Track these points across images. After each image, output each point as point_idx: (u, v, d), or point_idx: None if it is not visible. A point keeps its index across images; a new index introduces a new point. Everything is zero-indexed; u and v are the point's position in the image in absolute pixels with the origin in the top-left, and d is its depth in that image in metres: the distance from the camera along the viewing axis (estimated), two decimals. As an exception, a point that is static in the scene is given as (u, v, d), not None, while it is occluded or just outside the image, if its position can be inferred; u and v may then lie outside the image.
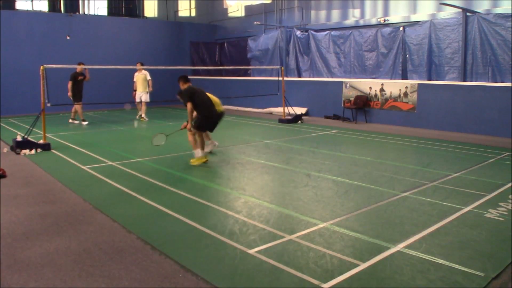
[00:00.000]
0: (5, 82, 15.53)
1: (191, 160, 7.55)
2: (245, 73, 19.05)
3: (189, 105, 7.37)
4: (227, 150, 8.83)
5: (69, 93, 12.81)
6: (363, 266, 3.56)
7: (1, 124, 12.80)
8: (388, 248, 3.90)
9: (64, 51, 16.74)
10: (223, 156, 8.23)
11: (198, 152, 7.52)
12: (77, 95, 12.82)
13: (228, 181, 6.42)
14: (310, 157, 8.08)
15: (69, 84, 12.79)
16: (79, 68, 12.47)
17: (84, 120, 13.13)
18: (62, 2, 19.84)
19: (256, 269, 3.54)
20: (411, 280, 3.34)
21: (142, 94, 13.64)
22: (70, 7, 19.73)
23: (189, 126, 7.59)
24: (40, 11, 18.66)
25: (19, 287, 3.28)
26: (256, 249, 3.89)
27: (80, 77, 12.83)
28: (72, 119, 13.36)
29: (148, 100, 13.76)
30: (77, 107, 12.97)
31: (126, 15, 20.92)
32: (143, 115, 13.86)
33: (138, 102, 13.79)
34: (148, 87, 13.66)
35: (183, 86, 7.68)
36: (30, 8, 18.55)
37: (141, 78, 13.58)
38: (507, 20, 10.85)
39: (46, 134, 9.15)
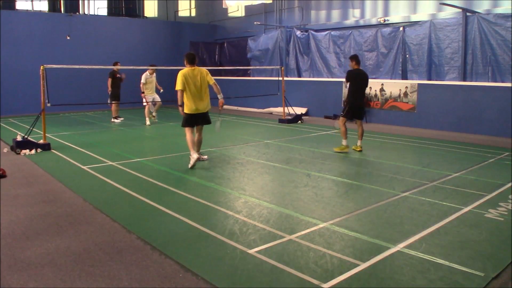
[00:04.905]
0: (5, 82, 15.53)
1: (335, 148, 8.44)
2: (245, 73, 19.04)
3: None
4: (227, 150, 8.82)
5: (109, 89, 12.98)
6: (363, 266, 3.56)
7: (1, 124, 12.80)
8: (388, 248, 3.90)
9: (64, 51, 16.75)
10: (223, 156, 8.23)
11: (344, 141, 8.33)
12: (114, 94, 12.94)
13: (228, 181, 6.42)
14: (310, 157, 8.08)
15: (109, 82, 12.91)
16: (115, 68, 12.59)
17: (116, 118, 13.33)
18: (62, 2, 19.87)
19: (256, 269, 3.54)
20: (411, 280, 3.34)
21: (155, 96, 13.43)
22: (70, 7, 19.76)
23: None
24: (40, 11, 18.68)
25: (19, 287, 3.28)
26: (256, 249, 3.89)
27: (118, 75, 12.91)
28: (114, 117, 13.48)
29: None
30: (113, 105, 13.13)
31: (126, 15, 20.94)
32: (154, 114, 13.76)
33: (150, 102, 13.50)
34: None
35: (353, 66, 8.33)
36: (30, 8, 18.58)
37: (154, 82, 13.38)
38: (507, 20, 10.85)
39: (46, 134, 9.15)
